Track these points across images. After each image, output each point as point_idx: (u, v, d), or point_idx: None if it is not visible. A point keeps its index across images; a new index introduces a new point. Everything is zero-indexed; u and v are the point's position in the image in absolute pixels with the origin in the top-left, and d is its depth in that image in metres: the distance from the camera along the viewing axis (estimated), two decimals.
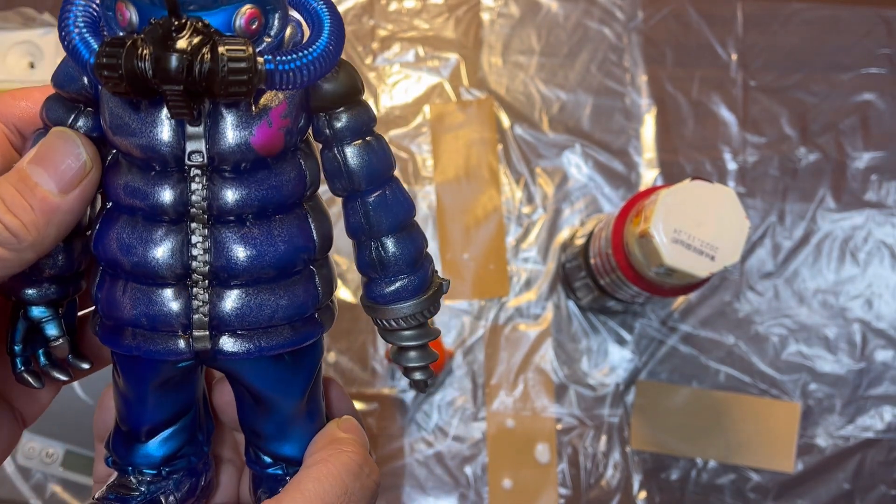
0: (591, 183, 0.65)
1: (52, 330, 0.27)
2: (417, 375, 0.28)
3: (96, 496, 0.28)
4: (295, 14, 0.24)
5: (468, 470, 0.61)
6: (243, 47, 0.20)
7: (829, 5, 0.69)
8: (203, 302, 0.24)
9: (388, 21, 0.68)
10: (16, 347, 0.27)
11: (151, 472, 0.28)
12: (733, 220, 0.46)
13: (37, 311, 0.26)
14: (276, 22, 0.22)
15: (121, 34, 0.21)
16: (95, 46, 0.22)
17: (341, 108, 0.24)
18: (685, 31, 0.68)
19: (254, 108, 0.23)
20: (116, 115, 0.23)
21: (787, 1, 0.69)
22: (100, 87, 0.23)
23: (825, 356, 0.64)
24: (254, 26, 0.22)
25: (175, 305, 0.24)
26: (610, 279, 0.53)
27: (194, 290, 0.24)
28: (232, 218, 0.24)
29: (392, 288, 0.26)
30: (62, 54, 0.23)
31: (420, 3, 0.69)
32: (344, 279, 0.63)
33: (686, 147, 0.66)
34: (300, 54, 0.22)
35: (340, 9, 0.68)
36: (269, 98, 0.23)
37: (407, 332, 0.27)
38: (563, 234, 0.65)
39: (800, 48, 0.68)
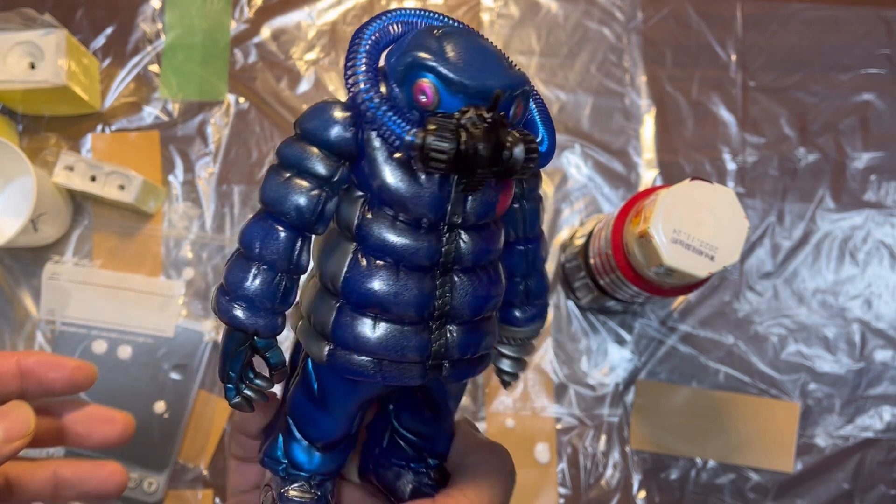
0: (591, 183, 0.65)
1: (275, 358, 0.30)
2: (506, 370, 0.35)
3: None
4: None
5: None
6: (533, 138, 0.25)
7: (828, 5, 0.69)
8: (440, 336, 0.28)
9: None
10: (231, 374, 0.29)
11: (311, 481, 0.32)
12: (733, 220, 0.46)
13: (262, 343, 0.30)
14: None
15: (437, 116, 0.25)
16: (406, 126, 0.25)
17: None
18: (685, 31, 0.68)
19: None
20: (398, 180, 0.26)
21: (786, 1, 0.69)
22: (369, 152, 0.26)
23: (825, 356, 0.64)
24: (521, 113, 0.27)
25: (420, 340, 0.28)
26: (610, 279, 0.53)
27: (433, 325, 0.28)
28: (465, 266, 0.28)
29: (530, 313, 0.33)
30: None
31: (420, 3, 0.69)
32: None
33: (685, 147, 0.66)
34: (545, 141, 0.28)
35: (340, 9, 0.68)
36: None
37: (516, 346, 0.34)
38: (563, 235, 0.65)
39: (800, 48, 0.68)
